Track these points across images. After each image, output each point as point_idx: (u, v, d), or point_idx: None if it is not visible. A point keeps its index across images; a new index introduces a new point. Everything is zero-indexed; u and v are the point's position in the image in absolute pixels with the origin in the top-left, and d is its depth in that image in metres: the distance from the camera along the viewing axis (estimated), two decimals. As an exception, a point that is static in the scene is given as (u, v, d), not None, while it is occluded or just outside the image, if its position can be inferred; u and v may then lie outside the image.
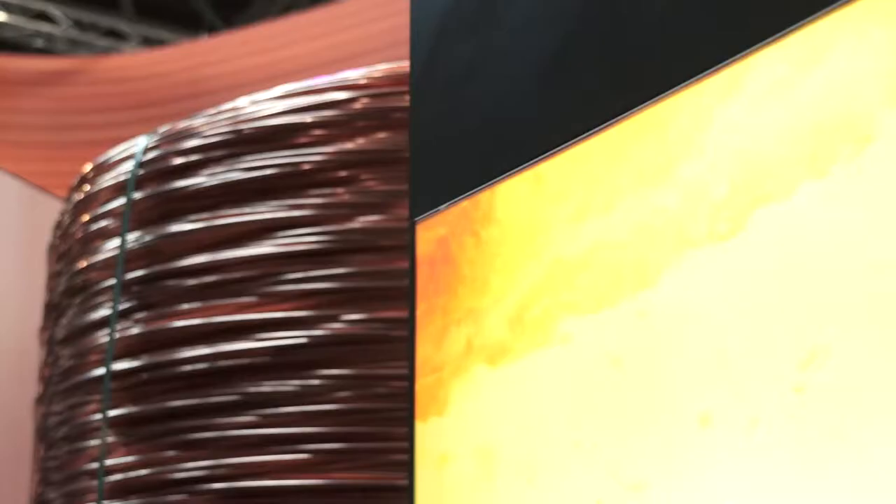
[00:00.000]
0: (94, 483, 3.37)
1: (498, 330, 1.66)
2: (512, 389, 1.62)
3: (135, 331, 3.34)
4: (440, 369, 1.74)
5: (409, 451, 1.76)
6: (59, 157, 9.45)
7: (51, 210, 4.87)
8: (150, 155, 3.50)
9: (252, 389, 3.14)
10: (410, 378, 1.78)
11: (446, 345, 1.73)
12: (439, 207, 1.78)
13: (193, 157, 3.42)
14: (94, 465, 3.37)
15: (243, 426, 3.12)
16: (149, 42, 11.34)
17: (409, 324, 1.80)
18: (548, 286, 1.60)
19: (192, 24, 11.55)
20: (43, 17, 10.55)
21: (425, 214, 1.81)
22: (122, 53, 10.97)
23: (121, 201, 3.51)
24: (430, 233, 1.80)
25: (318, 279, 3.18)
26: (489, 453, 1.65)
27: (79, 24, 10.74)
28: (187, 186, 3.40)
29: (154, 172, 3.47)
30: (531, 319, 1.61)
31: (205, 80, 10.07)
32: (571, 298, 1.56)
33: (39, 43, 10.44)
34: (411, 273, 1.81)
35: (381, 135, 3.28)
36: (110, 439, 3.29)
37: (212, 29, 11.49)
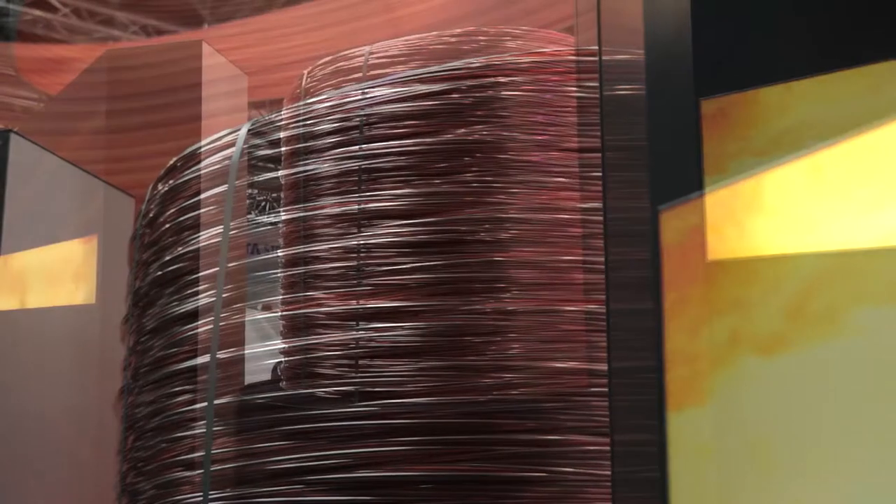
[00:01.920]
0: (190, 473, 3.33)
1: (772, 321, 1.64)
2: (792, 381, 1.61)
3: (238, 319, 3.30)
4: (697, 360, 1.72)
5: (659, 441, 1.74)
6: (59, 146, 9.34)
7: (109, 199, 4.81)
8: (251, 143, 3.46)
9: (363, 379, 3.11)
10: (659, 368, 1.76)
11: (705, 335, 1.71)
12: (689, 195, 1.76)
13: (293, 146, 3.39)
14: (193, 456, 3.32)
15: (356, 416, 3.09)
16: (145, 30, 11.27)
17: (656, 313, 1.78)
18: (834, 277, 1.58)
19: (184, 13, 11.48)
20: (41, 3, 10.45)
21: (671, 202, 1.79)
22: (122, 42, 10.89)
23: (220, 189, 3.46)
24: (680, 221, 1.78)
25: (424, 269, 3.16)
26: (764, 445, 1.63)
27: (76, 12, 10.65)
28: (287, 175, 3.37)
29: (255, 160, 3.43)
30: (814, 310, 1.59)
31: (205, 69, 10.00)
32: (865, 289, 1.55)
33: (38, 30, 10.34)
34: (655, 262, 1.79)
35: (481, 126, 3.26)
36: (215, 429, 3.25)
37: (202, 19, 11.45)
